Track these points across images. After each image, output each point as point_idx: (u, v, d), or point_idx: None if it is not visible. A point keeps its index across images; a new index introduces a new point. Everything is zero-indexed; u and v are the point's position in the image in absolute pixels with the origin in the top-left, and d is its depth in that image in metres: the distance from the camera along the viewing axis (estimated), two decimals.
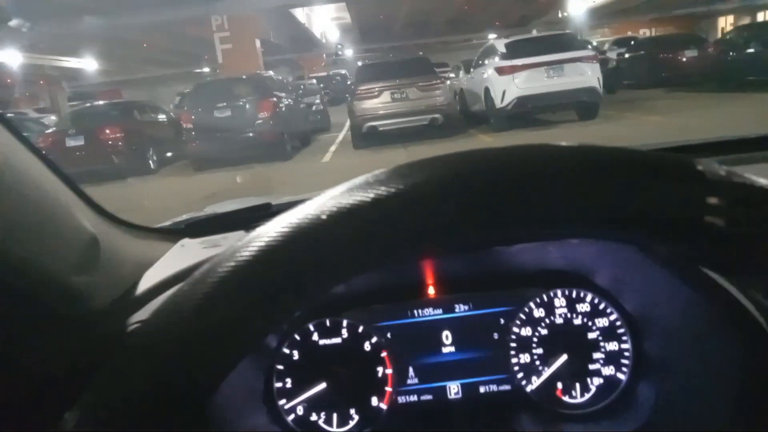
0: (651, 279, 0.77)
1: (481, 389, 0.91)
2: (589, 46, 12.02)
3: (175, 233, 0.97)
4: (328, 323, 0.90)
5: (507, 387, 0.90)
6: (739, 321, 0.61)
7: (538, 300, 0.90)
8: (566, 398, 0.88)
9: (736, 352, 0.62)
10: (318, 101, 14.04)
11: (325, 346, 0.90)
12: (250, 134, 9.48)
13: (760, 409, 0.60)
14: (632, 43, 16.75)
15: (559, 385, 0.88)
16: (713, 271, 0.39)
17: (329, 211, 0.33)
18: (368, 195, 0.33)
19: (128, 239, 0.81)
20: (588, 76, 9.26)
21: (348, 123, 10.98)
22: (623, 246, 0.76)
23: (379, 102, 9.85)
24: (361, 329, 0.90)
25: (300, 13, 23.05)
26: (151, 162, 10.76)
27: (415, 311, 0.91)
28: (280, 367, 0.88)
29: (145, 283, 0.75)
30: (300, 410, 0.88)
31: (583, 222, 0.34)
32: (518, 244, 0.81)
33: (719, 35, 21.95)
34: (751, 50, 11.99)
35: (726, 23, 28.15)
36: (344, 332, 0.90)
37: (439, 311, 0.91)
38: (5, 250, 0.53)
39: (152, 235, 0.92)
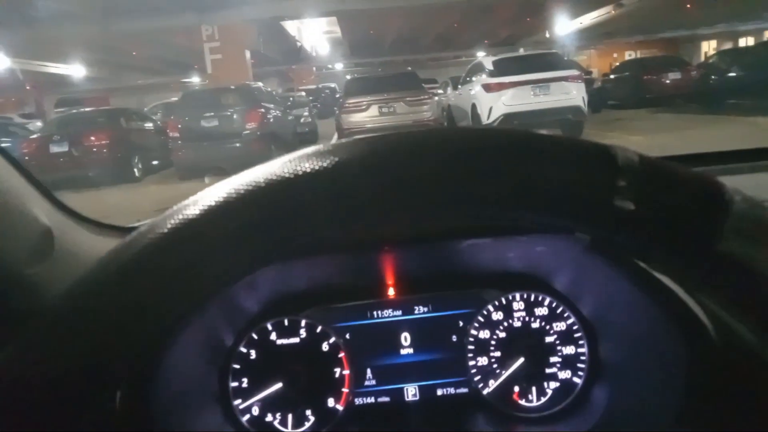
0: (605, 282, 0.78)
1: (439, 392, 0.91)
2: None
3: None
4: (286, 322, 0.89)
5: (464, 390, 0.90)
6: (685, 324, 0.62)
7: (496, 303, 0.90)
8: (522, 401, 0.88)
9: (683, 355, 0.63)
10: (306, 113, 14.06)
11: (282, 345, 0.89)
12: (237, 144, 9.45)
13: (704, 410, 0.61)
14: None
15: (516, 389, 0.88)
16: (637, 258, 0.39)
17: (263, 179, 0.34)
18: (306, 166, 0.34)
19: (87, 235, 0.81)
20: (573, 95, 9.40)
21: (336, 136, 11.00)
22: (573, 245, 0.77)
23: (366, 116, 9.90)
24: (319, 329, 0.90)
25: (291, 26, 23.18)
26: (136, 170, 10.68)
27: (375, 312, 0.91)
28: (237, 366, 0.88)
29: None
30: (255, 410, 0.87)
31: (499, 203, 0.35)
32: (472, 240, 0.82)
33: (702, 59, 22.40)
34: (732, 74, 12.29)
35: (709, 48, 28.76)
36: (302, 332, 0.90)
37: (399, 312, 0.91)
38: None
39: (114, 232, 0.91)
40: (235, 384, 0.87)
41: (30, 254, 0.64)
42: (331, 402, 0.88)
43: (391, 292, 0.92)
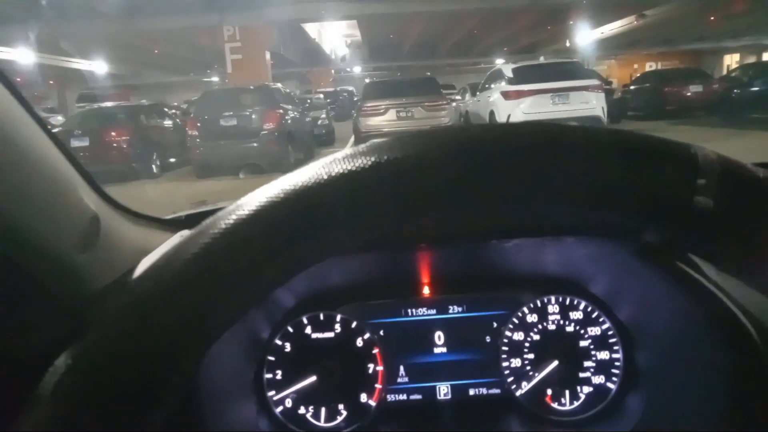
0: (646, 287, 0.77)
1: (471, 391, 0.91)
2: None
3: (175, 224, 0.97)
4: (321, 317, 0.90)
5: (497, 390, 0.90)
6: (728, 329, 0.62)
7: (531, 305, 0.90)
8: (555, 405, 0.88)
9: (724, 361, 0.63)
10: (324, 116, 14.14)
11: (317, 339, 0.90)
12: (255, 144, 9.49)
13: (747, 417, 0.61)
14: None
15: (549, 392, 0.88)
16: (703, 258, 0.39)
17: (326, 174, 0.33)
18: (366, 160, 0.34)
19: (128, 225, 0.82)
20: (593, 104, 9.36)
21: (352, 138, 11.03)
22: (619, 250, 0.77)
23: (384, 119, 9.92)
24: (354, 325, 0.90)
25: (311, 28, 23.29)
26: (154, 166, 10.79)
27: (409, 310, 0.91)
28: (272, 358, 0.88)
29: (141, 269, 0.75)
30: (288, 403, 0.88)
31: (574, 199, 0.35)
32: (515, 240, 0.82)
33: (724, 72, 22.17)
34: (755, 88, 12.15)
35: (732, 61, 28.45)
36: (337, 327, 0.90)
37: (433, 311, 0.92)
38: (4, 216, 0.53)
39: (152, 224, 0.92)
40: (269, 375, 0.88)
41: (79, 240, 0.64)
42: (363, 398, 0.89)
43: (425, 290, 0.93)
